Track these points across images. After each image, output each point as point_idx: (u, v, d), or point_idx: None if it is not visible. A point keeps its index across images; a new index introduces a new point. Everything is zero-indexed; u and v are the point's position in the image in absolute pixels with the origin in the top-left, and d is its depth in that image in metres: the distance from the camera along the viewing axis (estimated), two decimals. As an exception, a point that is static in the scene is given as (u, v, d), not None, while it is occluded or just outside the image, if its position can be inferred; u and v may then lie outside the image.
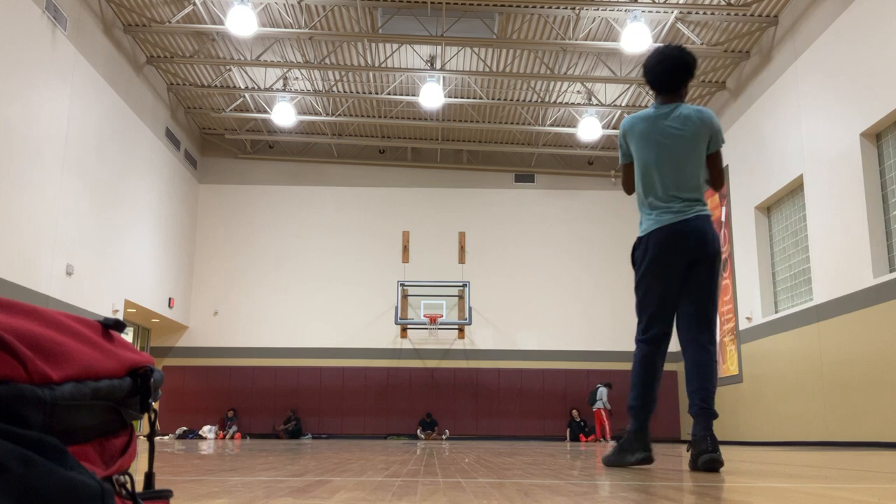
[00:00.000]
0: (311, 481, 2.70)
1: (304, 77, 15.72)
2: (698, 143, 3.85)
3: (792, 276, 12.71)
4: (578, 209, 18.96)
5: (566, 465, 4.32)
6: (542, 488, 2.42)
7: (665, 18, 12.96)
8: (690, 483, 2.80)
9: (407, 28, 13.44)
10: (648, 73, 4.00)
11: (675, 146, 3.85)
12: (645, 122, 3.94)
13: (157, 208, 15.95)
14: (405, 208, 18.98)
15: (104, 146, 13.26)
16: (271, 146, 19.14)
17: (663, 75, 3.92)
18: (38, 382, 0.71)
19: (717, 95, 15.61)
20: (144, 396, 0.88)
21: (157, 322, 17.19)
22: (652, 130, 3.90)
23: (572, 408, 17.61)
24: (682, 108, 3.91)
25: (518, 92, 16.12)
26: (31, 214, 10.91)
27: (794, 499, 2.11)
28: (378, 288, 18.35)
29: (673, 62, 3.90)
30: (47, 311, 0.80)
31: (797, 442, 11.71)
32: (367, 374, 18.04)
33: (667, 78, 3.92)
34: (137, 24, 13.77)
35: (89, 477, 0.70)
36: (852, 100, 10.38)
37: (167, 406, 17.47)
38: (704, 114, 3.90)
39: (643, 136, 3.93)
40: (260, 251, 18.64)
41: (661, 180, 3.86)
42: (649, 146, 3.90)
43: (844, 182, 10.56)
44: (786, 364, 12.21)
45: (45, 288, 11.22)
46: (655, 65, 3.95)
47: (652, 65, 3.97)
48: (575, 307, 18.38)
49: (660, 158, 3.87)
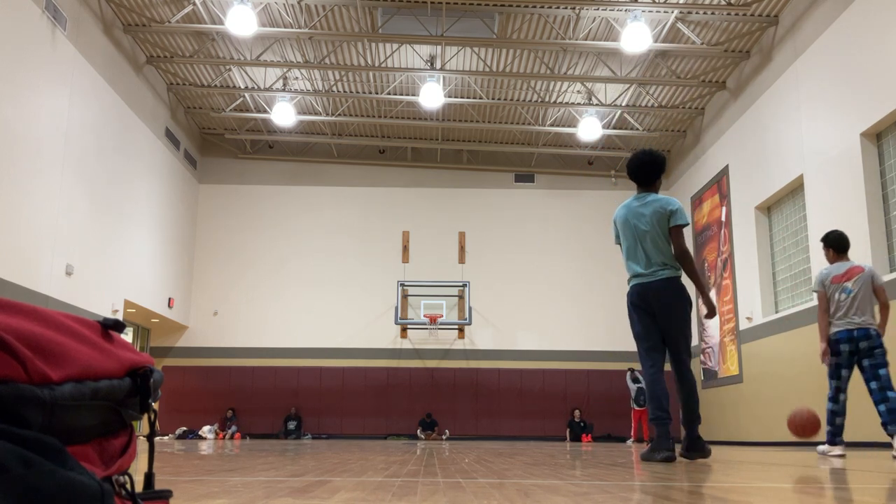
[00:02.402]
0: (311, 481, 2.70)
1: (304, 77, 15.72)
2: (660, 222, 5.20)
3: (792, 276, 12.71)
4: (578, 209, 18.96)
5: (566, 465, 4.32)
6: (542, 488, 2.42)
7: (665, 18, 12.95)
8: (690, 483, 2.80)
9: (407, 28, 13.44)
10: (629, 171, 5.39)
11: (641, 224, 5.25)
12: (625, 209, 5.38)
13: (156, 208, 15.95)
14: (405, 208, 18.98)
15: (104, 146, 13.26)
16: (271, 146, 19.14)
17: (638, 173, 5.34)
18: (38, 383, 0.70)
19: (717, 95, 15.61)
20: (144, 397, 0.88)
21: (157, 322, 17.19)
22: (629, 215, 5.32)
23: (574, 408, 17.60)
24: (651, 196, 5.31)
25: (518, 92, 16.12)
26: (31, 214, 10.91)
27: (793, 499, 2.11)
28: (378, 288, 18.35)
29: (643, 163, 5.31)
30: (47, 311, 0.80)
31: (797, 442, 11.71)
32: (367, 374, 18.04)
33: (641, 175, 5.34)
34: (137, 23, 13.77)
35: (89, 477, 0.70)
36: (852, 100, 10.38)
37: (167, 406, 17.46)
38: (666, 200, 5.27)
39: (623, 220, 5.35)
40: (260, 251, 18.64)
41: (636, 251, 5.28)
42: (627, 227, 5.32)
43: (844, 182, 10.55)
44: (786, 364, 12.21)
45: (45, 288, 11.22)
46: (633, 166, 5.35)
47: (631, 166, 5.37)
48: (575, 307, 18.38)
49: (634, 234, 5.29)
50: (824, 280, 6.46)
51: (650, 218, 5.19)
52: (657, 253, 5.18)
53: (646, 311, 5.17)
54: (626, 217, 5.30)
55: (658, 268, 5.17)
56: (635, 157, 5.36)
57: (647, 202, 5.25)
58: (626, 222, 5.30)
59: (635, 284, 5.24)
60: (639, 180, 5.35)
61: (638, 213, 5.24)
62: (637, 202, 5.30)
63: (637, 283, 5.23)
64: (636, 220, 5.24)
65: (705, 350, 16.09)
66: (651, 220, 5.18)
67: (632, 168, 5.36)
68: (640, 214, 5.23)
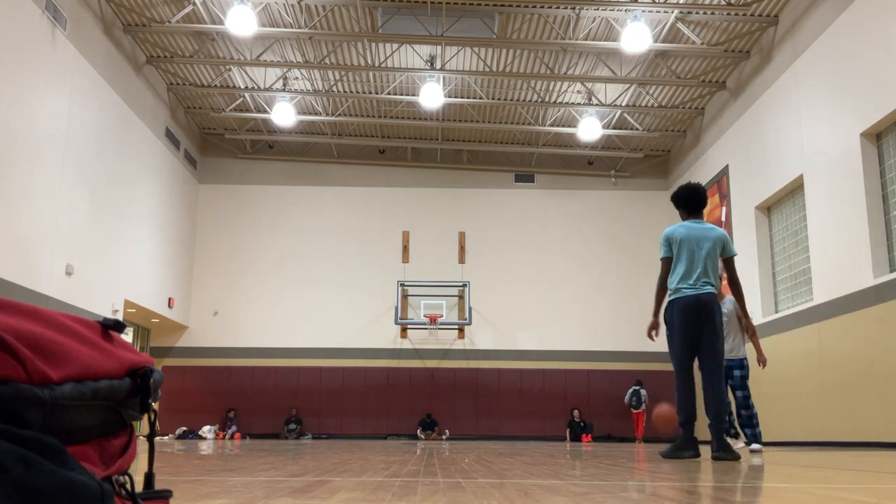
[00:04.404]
0: (311, 481, 2.70)
1: (304, 77, 15.72)
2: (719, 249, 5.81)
3: (792, 276, 12.71)
4: (578, 209, 18.96)
5: (566, 465, 4.32)
6: (542, 488, 2.42)
7: (665, 18, 12.95)
8: (690, 483, 2.80)
9: (407, 28, 13.44)
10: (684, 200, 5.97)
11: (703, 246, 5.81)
12: (685, 229, 5.85)
13: (156, 208, 15.95)
14: (405, 208, 18.98)
15: (104, 146, 13.26)
16: (271, 146, 19.14)
17: (697, 201, 5.96)
18: (38, 382, 0.71)
19: (717, 95, 15.61)
20: (144, 397, 0.88)
21: (157, 322, 17.19)
22: (691, 236, 5.81)
23: (573, 408, 17.60)
24: (708, 223, 5.96)
25: (518, 92, 16.12)
26: (31, 214, 10.90)
27: (794, 499, 2.11)
28: (378, 288, 18.34)
29: (701, 195, 5.96)
30: (47, 311, 0.80)
31: (797, 442, 11.71)
32: (367, 374, 18.04)
33: (699, 203, 5.97)
34: (137, 23, 13.77)
35: (89, 477, 0.70)
36: (852, 100, 10.38)
37: (167, 406, 17.46)
38: (721, 230, 5.90)
39: (683, 239, 5.83)
40: (260, 251, 18.64)
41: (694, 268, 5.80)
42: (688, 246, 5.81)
43: (844, 182, 10.55)
44: (786, 364, 12.21)
45: (45, 288, 11.22)
46: (692, 195, 5.96)
47: (688, 195, 5.96)
48: (575, 307, 18.37)
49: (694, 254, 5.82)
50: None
51: (713, 242, 5.79)
52: (712, 274, 5.78)
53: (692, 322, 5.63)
54: (687, 237, 5.81)
55: (706, 284, 5.72)
56: (694, 188, 6.00)
57: (707, 227, 5.88)
58: (687, 241, 5.80)
59: (685, 297, 5.67)
60: (694, 207, 5.97)
61: (700, 237, 5.79)
62: (698, 225, 5.87)
63: (685, 296, 5.68)
64: (698, 241, 5.78)
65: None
66: (715, 244, 5.79)
67: (689, 196, 5.96)
68: (702, 238, 5.78)
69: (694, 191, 5.96)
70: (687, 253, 5.74)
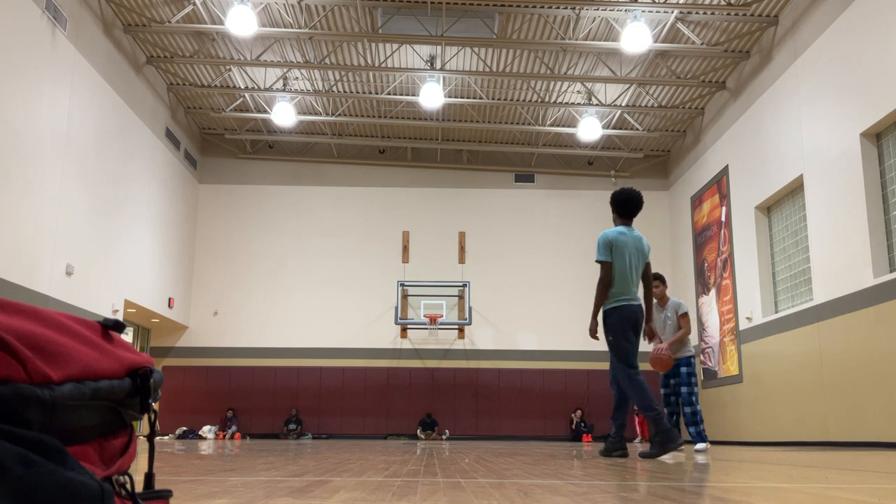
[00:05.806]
0: (311, 481, 2.70)
1: (304, 77, 15.72)
2: (644, 257, 6.27)
3: (792, 276, 12.71)
4: (578, 209, 18.95)
5: (566, 465, 4.32)
6: (542, 488, 2.42)
7: (665, 18, 12.95)
8: (690, 483, 2.80)
9: (407, 28, 13.44)
10: (621, 205, 6.32)
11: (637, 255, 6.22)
12: (624, 236, 6.17)
13: (156, 208, 15.95)
14: (405, 208, 18.97)
15: (104, 146, 13.26)
16: (271, 146, 19.13)
17: (632, 208, 6.32)
18: (38, 382, 0.71)
19: (717, 95, 15.61)
20: (144, 397, 0.88)
21: (157, 322, 17.18)
22: (630, 242, 6.18)
23: (574, 408, 17.60)
24: (637, 231, 6.35)
25: (518, 92, 16.12)
26: (31, 214, 10.90)
27: (793, 499, 2.11)
28: (378, 288, 18.34)
29: (638, 201, 6.32)
30: (47, 311, 0.80)
31: (797, 442, 11.71)
32: (367, 374, 18.04)
33: (634, 210, 6.32)
34: (137, 24, 13.77)
35: (89, 477, 0.70)
36: (852, 100, 10.38)
37: (167, 406, 17.46)
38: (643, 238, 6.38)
39: (623, 246, 6.16)
40: (260, 251, 18.64)
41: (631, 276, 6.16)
42: (626, 253, 6.15)
43: (844, 182, 10.55)
44: (786, 364, 12.21)
45: (45, 288, 11.22)
46: (627, 201, 6.29)
47: (624, 200, 6.29)
48: (575, 307, 18.36)
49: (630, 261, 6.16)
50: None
51: (645, 252, 6.25)
52: (637, 281, 6.22)
53: (634, 329, 6.10)
54: (626, 243, 6.14)
55: (636, 295, 6.19)
56: (630, 193, 6.30)
57: (639, 237, 6.28)
58: (625, 248, 6.14)
59: (634, 305, 6.08)
60: (628, 214, 6.30)
61: (636, 245, 6.19)
62: (631, 233, 6.23)
63: (636, 304, 6.10)
64: (634, 249, 6.16)
65: (705, 350, 16.09)
66: (645, 253, 6.26)
67: (625, 202, 6.28)
68: (638, 247, 6.19)
69: (634, 198, 6.29)
70: (625, 260, 6.11)
